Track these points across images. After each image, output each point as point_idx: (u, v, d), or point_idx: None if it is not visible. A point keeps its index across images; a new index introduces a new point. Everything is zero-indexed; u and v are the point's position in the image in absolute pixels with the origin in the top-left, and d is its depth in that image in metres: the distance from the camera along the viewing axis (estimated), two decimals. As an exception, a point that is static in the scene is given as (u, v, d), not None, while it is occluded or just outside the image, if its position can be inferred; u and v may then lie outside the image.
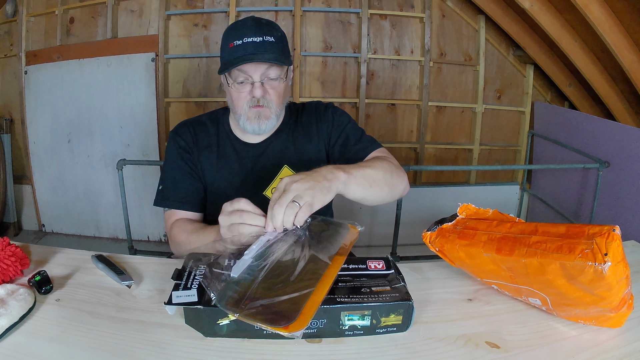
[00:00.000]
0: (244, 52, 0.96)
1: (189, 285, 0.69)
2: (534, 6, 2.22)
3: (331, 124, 1.13)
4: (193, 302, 0.65)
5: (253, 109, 1.01)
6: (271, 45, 0.98)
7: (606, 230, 0.60)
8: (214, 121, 1.14)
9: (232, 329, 0.66)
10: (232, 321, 0.65)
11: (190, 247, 0.97)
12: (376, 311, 0.67)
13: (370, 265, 0.77)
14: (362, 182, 0.87)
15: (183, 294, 0.67)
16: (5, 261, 0.76)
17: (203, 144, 1.11)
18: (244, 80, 1.00)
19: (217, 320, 0.65)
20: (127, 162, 2.14)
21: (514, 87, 3.02)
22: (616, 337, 0.67)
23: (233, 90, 1.01)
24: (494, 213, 0.80)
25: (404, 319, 0.68)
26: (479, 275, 0.80)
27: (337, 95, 2.94)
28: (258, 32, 0.97)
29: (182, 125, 1.13)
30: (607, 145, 2.26)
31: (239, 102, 1.02)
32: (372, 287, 0.71)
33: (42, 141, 2.89)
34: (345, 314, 0.66)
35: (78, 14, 2.81)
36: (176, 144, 1.10)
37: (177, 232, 1.03)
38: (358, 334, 0.67)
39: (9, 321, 0.65)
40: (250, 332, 0.66)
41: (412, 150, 3.01)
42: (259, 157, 1.11)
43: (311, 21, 2.84)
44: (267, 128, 1.05)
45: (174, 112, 2.86)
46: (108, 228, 2.97)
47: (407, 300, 0.68)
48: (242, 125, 1.04)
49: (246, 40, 0.96)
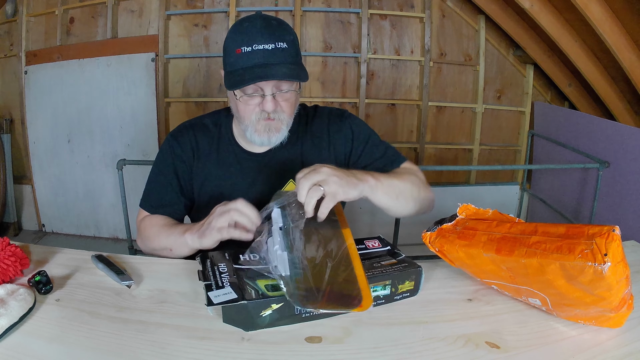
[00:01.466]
0: (255, 62, 0.86)
1: (221, 283, 0.70)
2: (534, 6, 2.22)
3: (351, 137, 1.05)
4: (234, 298, 0.66)
5: (263, 122, 0.93)
6: (284, 53, 0.88)
7: (606, 230, 0.60)
8: (216, 124, 1.05)
9: (274, 318, 0.68)
10: (274, 310, 0.67)
11: (159, 242, 0.95)
12: (395, 280, 0.75)
13: (368, 244, 0.87)
14: (389, 191, 0.87)
15: (220, 293, 0.67)
16: (5, 261, 0.76)
17: (203, 150, 1.03)
18: (254, 93, 0.90)
19: (261, 312, 0.67)
20: (127, 162, 2.14)
21: (514, 87, 3.02)
22: (616, 337, 0.67)
23: (239, 101, 0.92)
24: (493, 213, 0.80)
25: (415, 284, 0.78)
26: (479, 276, 0.80)
27: (337, 95, 2.94)
28: (269, 38, 0.86)
29: (182, 129, 1.05)
30: (607, 145, 2.26)
31: (247, 113, 0.93)
32: (381, 261, 0.80)
33: (42, 141, 2.89)
34: (371, 286, 0.72)
35: (78, 14, 2.81)
36: (171, 149, 1.03)
37: (147, 225, 1.00)
38: (380, 303, 0.75)
39: (9, 321, 0.65)
40: (290, 318, 0.69)
41: (412, 150, 3.01)
42: (262, 168, 1.03)
43: (311, 21, 2.84)
44: (277, 141, 0.96)
45: (174, 112, 2.86)
46: (108, 228, 2.97)
47: (417, 267, 0.78)
48: (250, 138, 0.96)
49: (256, 47, 0.86)
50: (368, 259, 0.81)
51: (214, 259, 0.78)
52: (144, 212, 1.06)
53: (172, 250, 0.92)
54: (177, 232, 0.91)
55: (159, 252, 0.96)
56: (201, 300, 0.74)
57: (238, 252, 0.80)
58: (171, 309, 0.73)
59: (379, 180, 0.86)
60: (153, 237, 0.97)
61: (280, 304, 0.67)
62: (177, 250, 0.92)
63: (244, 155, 1.04)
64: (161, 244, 0.95)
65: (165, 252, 0.94)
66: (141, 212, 1.07)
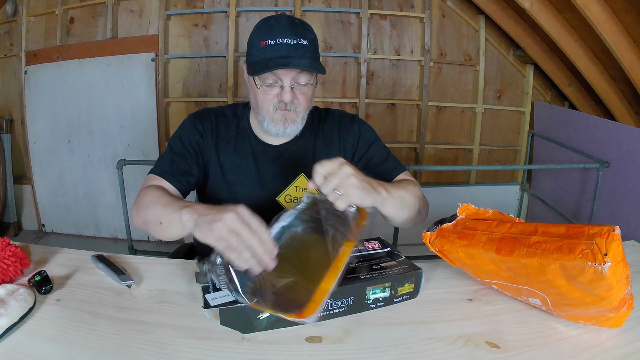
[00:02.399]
0: (278, 54, 0.93)
1: (218, 286, 0.70)
2: (534, 6, 2.22)
3: (357, 138, 1.10)
4: (231, 301, 0.66)
5: (279, 112, 0.98)
6: (304, 49, 0.95)
7: (606, 230, 0.60)
8: (235, 115, 1.11)
9: (271, 321, 0.67)
10: (272, 313, 0.66)
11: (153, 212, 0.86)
12: (394, 282, 0.75)
13: (367, 246, 0.87)
14: (397, 203, 0.89)
15: (217, 295, 0.67)
16: (5, 261, 0.76)
17: (222, 136, 1.08)
18: (273, 83, 0.96)
19: (258, 315, 0.66)
20: (127, 162, 2.14)
21: (514, 87, 3.02)
22: (616, 337, 0.67)
23: (260, 91, 0.98)
24: (493, 213, 0.80)
25: (415, 287, 0.78)
26: (479, 276, 0.80)
27: (337, 95, 2.94)
28: (292, 34, 0.94)
29: (204, 112, 1.10)
30: (607, 145, 2.25)
31: (265, 103, 0.98)
32: (380, 263, 0.80)
33: (42, 141, 2.89)
34: (370, 288, 0.74)
35: (78, 14, 2.81)
36: (193, 125, 1.06)
37: (147, 192, 0.93)
38: (379, 305, 0.76)
39: (9, 321, 0.65)
40: (288, 321, 0.67)
41: (412, 150, 3.01)
42: (276, 160, 1.08)
43: (311, 21, 2.84)
44: (292, 132, 1.02)
45: (174, 112, 2.86)
46: (108, 228, 2.97)
47: (416, 269, 0.78)
48: (266, 128, 1.01)
49: (280, 41, 0.93)
50: (367, 261, 0.81)
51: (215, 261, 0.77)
52: (150, 180, 1.00)
53: (162, 224, 0.84)
54: (175, 206, 0.82)
55: (149, 226, 0.89)
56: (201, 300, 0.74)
57: None
58: (171, 309, 0.73)
59: (390, 192, 0.86)
60: (148, 205, 0.89)
61: None
62: (167, 227, 0.83)
63: (259, 145, 1.08)
64: (154, 215, 0.86)
65: (154, 227, 0.87)
66: (148, 179, 1.00)
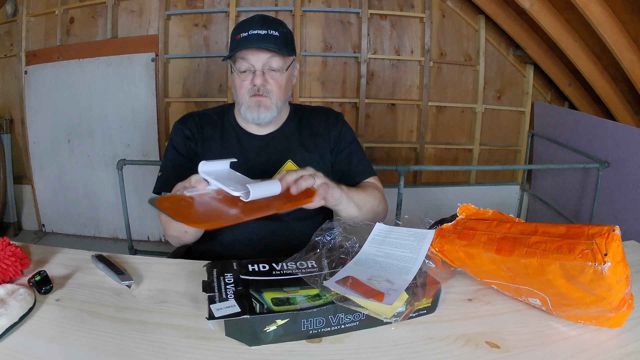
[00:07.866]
0: (248, 42, 1.01)
1: (225, 296, 0.68)
2: (534, 6, 2.22)
3: (339, 134, 1.17)
4: (237, 312, 0.64)
5: (254, 98, 1.05)
6: (275, 38, 1.02)
7: (606, 230, 0.60)
8: (219, 114, 1.18)
9: (278, 334, 0.65)
10: (279, 326, 0.64)
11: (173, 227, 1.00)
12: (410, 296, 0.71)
13: None
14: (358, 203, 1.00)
15: (223, 306, 0.65)
16: (5, 261, 0.76)
17: (207, 135, 1.13)
18: (247, 70, 1.04)
19: (265, 328, 0.64)
20: (127, 162, 2.14)
21: (514, 87, 3.02)
22: (616, 337, 0.67)
23: (236, 78, 1.06)
24: (493, 213, 0.80)
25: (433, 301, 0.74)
26: (479, 276, 0.80)
27: (337, 95, 2.94)
28: (264, 26, 1.02)
29: (188, 116, 1.17)
30: (607, 145, 2.25)
31: (241, 90, 1.06)
32: None
33: (42, 141, 2.89)
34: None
35: (78, 14, 2.81)
36: (181, 132, 1.13)
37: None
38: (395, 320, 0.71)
39: (9, 321, 0.65)
40: (295, 335, 0.66)
41: (412, 150, 3.01)
42: (262, 149, 1.13)
43: (311, 21, 2.84)
44: (266, 118, 1.07)
45: (174, 112, 2.86)
46: (108, 228, 2.96)
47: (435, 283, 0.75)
48: (243, 114, 1.07)
49: (252, 32, 1.02)
50: None
51: (224, 270, 0.76)
52: None
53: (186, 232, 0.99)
54: None
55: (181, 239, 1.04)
56: (201, 300, 0.74)
57: (247, 263, 0.78)
58: (171, 309, 0.73)
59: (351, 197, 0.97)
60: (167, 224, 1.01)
61: (285, 320, 0.64)
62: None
63: (245, 136, 1.14)
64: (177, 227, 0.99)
65: (184, 237, 1.02)
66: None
